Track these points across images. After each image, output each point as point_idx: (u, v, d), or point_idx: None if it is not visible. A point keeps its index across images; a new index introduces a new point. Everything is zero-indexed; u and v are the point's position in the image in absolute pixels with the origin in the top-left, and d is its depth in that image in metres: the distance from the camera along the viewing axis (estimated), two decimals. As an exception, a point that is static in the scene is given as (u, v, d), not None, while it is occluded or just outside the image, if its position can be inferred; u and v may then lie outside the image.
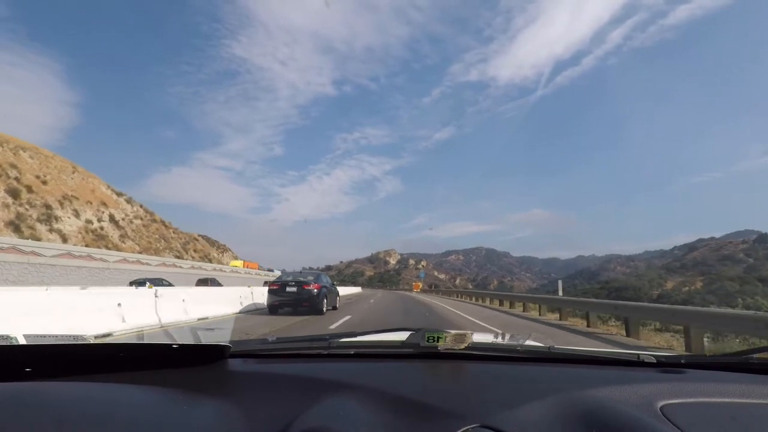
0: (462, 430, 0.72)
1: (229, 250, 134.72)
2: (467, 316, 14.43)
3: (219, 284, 24.75)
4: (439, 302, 24.85)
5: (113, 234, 42.49)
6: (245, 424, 0.74)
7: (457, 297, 36.04)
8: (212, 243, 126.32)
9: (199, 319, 9.80)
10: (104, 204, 44.64)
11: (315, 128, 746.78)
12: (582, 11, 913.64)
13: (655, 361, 1.19)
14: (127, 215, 48.59)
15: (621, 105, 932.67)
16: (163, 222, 57.96)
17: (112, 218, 44.10)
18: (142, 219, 51.78)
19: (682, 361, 1.19)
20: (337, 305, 14.83)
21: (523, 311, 17.86)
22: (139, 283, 19.22)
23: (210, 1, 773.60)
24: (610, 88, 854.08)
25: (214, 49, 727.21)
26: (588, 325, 11.66)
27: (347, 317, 11.76)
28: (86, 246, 31.56)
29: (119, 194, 51.21)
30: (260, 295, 13.68)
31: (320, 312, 11.92)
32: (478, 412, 0.81)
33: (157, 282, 20.39)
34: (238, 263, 55.79)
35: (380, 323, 10.26)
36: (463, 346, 1.16)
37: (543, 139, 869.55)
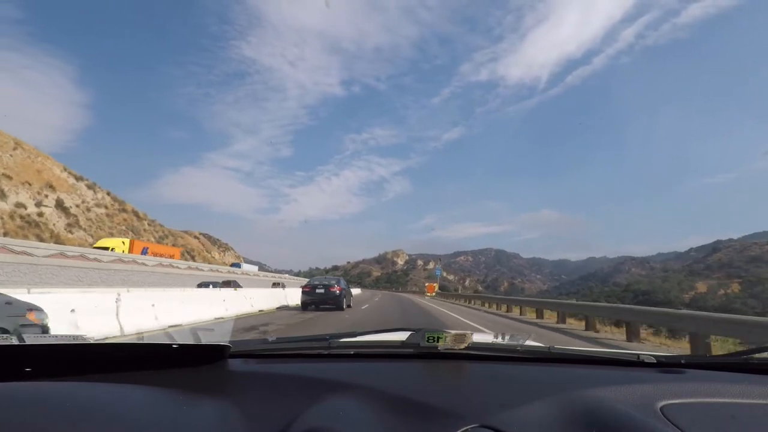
0: (462, 430, 0.73)
1: (231, 249, 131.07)
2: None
3: (240, 286, 24.36)
4: (451, 311, 19.70)
5: (57, 222, 36.88)
6: (245, 424, 0.74)
7: (467, 302, 31.88)
8: (213, 242, 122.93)
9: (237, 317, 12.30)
10: (51, 187, 38.96)
11: (323, 129, 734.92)
12: (593, 9, 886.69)
13: (655, 362, 1.19)
14: (84, 202, 42.38)
15: (632, 104, 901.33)
16: (136, 213, 52.24)
17: (60, 204, 38.41)
18: (107, 208, 46.11)
19: (682, 362, 1.20)
20: (351, 304, 18.12)
21: (537, 318, 16.27)
22: (205, 285, 22.32)
23: (220, 2, 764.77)
24: (622, 88, 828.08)
25: (223, 50, 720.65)
26: (629, 339, 9.89)
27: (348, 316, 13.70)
28: (5, 235, 27.74)
29: (79, 178, 44.60)
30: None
31: (342, 308, 15.39)
32: (478, 412, 0.81)
33: (234, 284, 22.96)
34: (114, 242, 31.83)
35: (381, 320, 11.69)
36: (463, 346, 1.16)
37: (553, 139, 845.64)
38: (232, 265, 58.60)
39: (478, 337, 1.32)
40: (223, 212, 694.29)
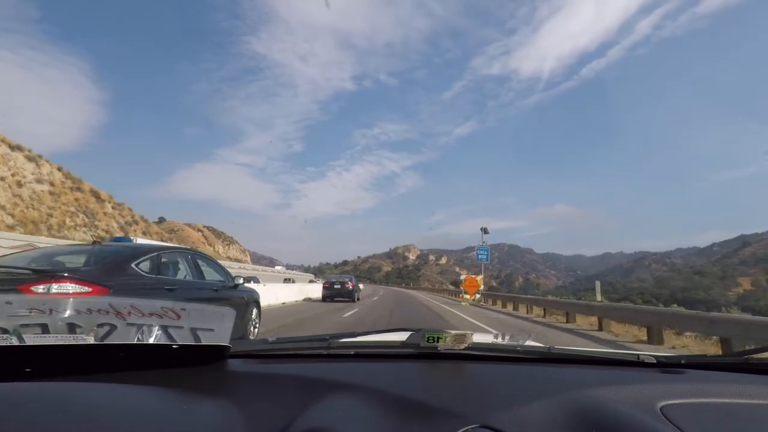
0: (462, 430, 0.72)
1: (236, 242, 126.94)
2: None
3: (258, 281, 24.65)
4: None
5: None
6: (245, 424, 0.74)
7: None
8: (218, 235, 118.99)
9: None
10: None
11: (334, 124, 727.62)
12: (608, 0, 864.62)
13: (655, 362, 1.18)
14: (16, 175, 34.57)
15: (648, 97, 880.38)
16: (96, 193, 43.38)
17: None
18: (53, 185, 37.98)
19: (682, 362, 1.19)
20: (360, 298, 23.50)
21: (569, 321, 13.86)
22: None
23: None
24: (638, 80, 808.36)
25: (235, 45, 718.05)
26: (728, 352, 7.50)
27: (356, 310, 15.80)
28: None
29: (15, 148, 36.45)
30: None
31: (354, 300, 20.89)
32: (478, 412, 0.81)
33: (255, 280, 23.10)
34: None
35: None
36: (463, 347, 1.15)
37: (566, 133, 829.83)
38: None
39: (478, 338, 1.31)
40: (235, 208, 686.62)
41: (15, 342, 0.89)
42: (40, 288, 3.10)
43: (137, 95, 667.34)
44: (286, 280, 34.16)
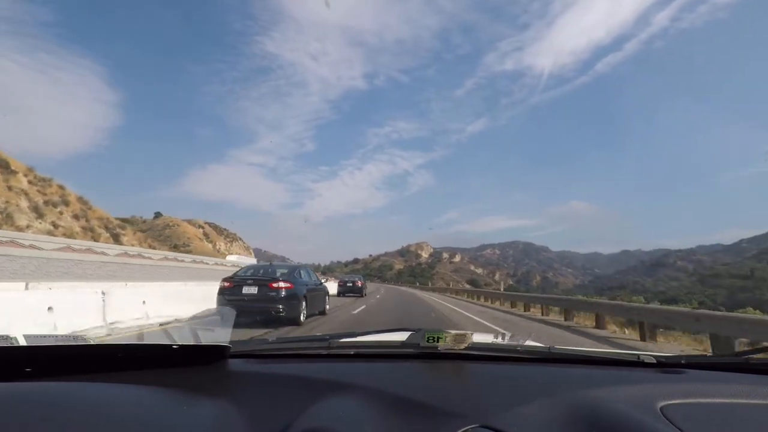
0: (462, 430, 0.73)
1: (240, 239, 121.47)
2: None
3: None
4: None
5: None
6: (245, 424, 0.75)
7: (481, 300, 25.07)
8: (220, 231, 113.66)
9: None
10: None
11: (346, 123, 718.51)
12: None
13: (655, 362, 1.18)
14: None
15: (665, 92, 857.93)
16: (63, 189, 36.93)
17: None
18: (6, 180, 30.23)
19: (682, 362, 1.19)
20: (366, 293, 25.79)
21: (597, 326, 11.51)
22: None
23: None
24: (655, 74, 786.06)
25: (246, 46, 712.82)
26: None
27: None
28: None
29: None
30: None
31: (363, 295, 23.99)
32: (478, 412, 0.82)
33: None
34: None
35: None
36: (463, 347, 1.16)
37: (581, 129, 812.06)
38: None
39: (478, 337, 1.31)
40: (248, 208, 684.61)
41: (15, 342, 0.91)
42: (273, 284, 8.61)
43: (151, 97, 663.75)
44: None
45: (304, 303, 9.16)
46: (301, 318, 8.98)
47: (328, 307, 11.82)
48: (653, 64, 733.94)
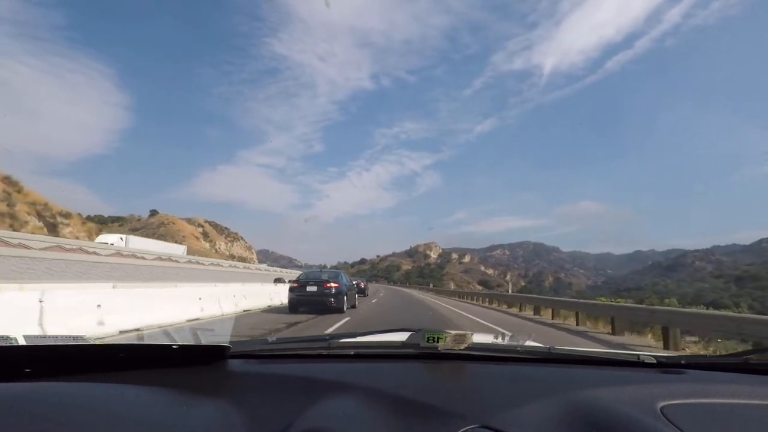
0: (462, 430, 0.73)
1: (241, 239, 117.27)
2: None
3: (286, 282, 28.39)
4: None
5: None
6: (245, 424, 0.75)
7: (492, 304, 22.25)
8: (220, 231, 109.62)
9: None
10: None
11: (354, 124, 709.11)
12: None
13: (655, 362, 1.19)
14: None
15: (676, 90, 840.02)
16: (11, 182, 33.77)
17: None
18: None
19: (682, 362, 1.20)
20: (368, 293, 26.99)
21: (614, 332, 10.29)
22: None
23: (251, 0, 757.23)
24: (667, 72, 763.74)
25: (255, 47, 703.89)
26: None
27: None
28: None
29: None
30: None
31: (365, 295, 23.66)
32: (478, 412, 0.82)
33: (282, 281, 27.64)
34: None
35: None
36: (463, 347, 1.16)
37: (590, 129, 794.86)
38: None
39: (478, 338, 1.32)
40: (256, 209, 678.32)
41: (15, 342, 0.91)
42: (327, 284, 12.39)
43: (159, 99, 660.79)
44: (277, 280, 33.26)
45: (345, 297, 12.81)
46: (344, 308, 12.71)
47: (357, 302, 15.64)
48: (665, 62, 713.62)
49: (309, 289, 12.25)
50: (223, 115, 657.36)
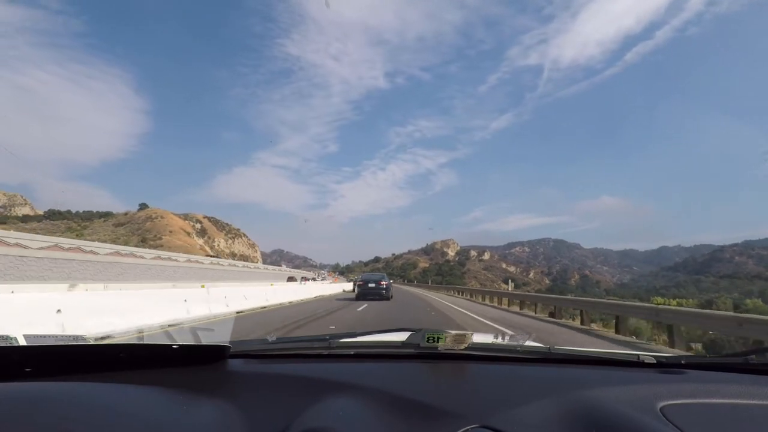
0: (462, 430, 0.73)
1: (243, 235, 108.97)
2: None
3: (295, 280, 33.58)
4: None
5: None
6: (245, 424, 0.75)
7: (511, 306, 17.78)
8: (221, 227, 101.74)
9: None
10: None
11: (368, 123, 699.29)
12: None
13: (655, 362, 1.19)
14: None
15: (698, 81, 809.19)
16: None
17: None
18: None
19: (682, 362, 1.20)
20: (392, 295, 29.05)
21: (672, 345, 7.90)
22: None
23: (263, 2, 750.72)
24: (690, 62, 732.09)
25: (268, 49, 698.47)
26: None
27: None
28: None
29: None
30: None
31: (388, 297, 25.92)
32: (478, 412, 0.82)
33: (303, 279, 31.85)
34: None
35: None
36: (463, 347, 1.16)
37: (610, 122, 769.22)
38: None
39: (478, 338, 1.32)
40: (273, 209, 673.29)
41: (15, 342, 0.92)
42: (381, 282, 20.37)
43: (177, 102, 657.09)
44: (290, 279, 38.14)
45: (390, 291, 20.87)
46: (390, 297, 20.06)
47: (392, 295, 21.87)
48: (688, 52, 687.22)
49: (369, 285, 19.68)
50: (239, 117, 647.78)
